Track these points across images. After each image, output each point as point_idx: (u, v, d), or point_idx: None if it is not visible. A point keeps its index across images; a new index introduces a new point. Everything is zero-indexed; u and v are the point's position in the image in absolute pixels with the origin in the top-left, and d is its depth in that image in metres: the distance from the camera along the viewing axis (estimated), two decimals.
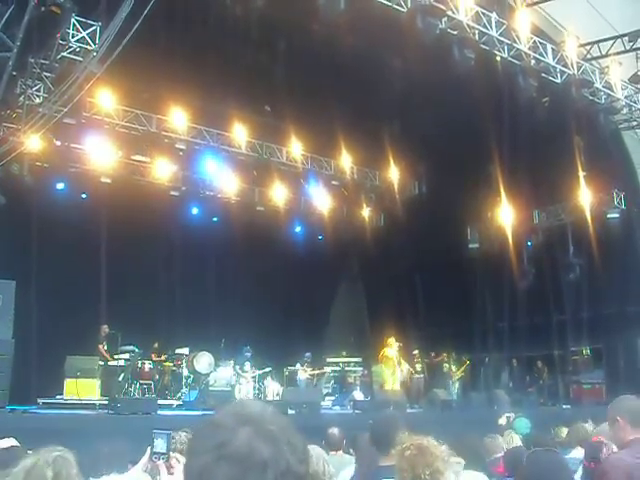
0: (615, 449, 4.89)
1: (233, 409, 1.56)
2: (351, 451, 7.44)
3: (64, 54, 13.86)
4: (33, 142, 17.06)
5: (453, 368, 22.09)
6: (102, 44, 12.60)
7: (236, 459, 1.42)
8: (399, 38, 15.26)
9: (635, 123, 20.61)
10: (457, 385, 21.95)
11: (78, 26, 13.59)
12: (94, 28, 13.57)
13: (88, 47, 13.49)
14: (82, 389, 15.38)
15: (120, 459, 5.12)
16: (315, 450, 5.24)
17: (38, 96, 15.90)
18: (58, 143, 19.22)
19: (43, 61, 14.96)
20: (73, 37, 13.53)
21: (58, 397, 15.58)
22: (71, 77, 13.27)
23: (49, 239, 17.70)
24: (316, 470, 5.05)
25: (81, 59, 13.58)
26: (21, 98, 15.53)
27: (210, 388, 17.50)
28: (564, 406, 20.46)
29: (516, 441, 7.19)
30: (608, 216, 21.77)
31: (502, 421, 9.67)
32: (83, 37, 13.56)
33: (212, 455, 1.44)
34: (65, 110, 14.66)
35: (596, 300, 21.75)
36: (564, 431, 8.83)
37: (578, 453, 7.47)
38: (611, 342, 21.75)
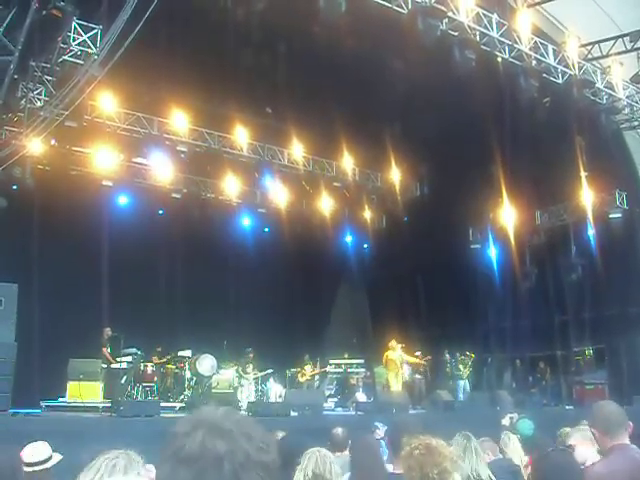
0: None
1: (188, 417, 1.58)
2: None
3: (65, 57, 13.89)
4: (35, 145, 17.08)
5: (461, 367, 22.03)
6: (103, 47, 12.61)
7: (191, 461, 1.45)
8: (400, 39, 15.26)
9: (637, 123, 20.60)
10: (463, 384, 21.86)
11: (79, 29, 13.63)
12: (95, 31, 13.60)
13: (89, 50, 13.52)
14: (85, 392, 15.40)
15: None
16: (321, 451, 5.27)
17: (39, 99, 15.94)
18: (60, 146, 19.26)
19: (44, 64, 15.00)
20: (74, 40, 13.57)
21: (61, 400, 15.60)
22: (72, 80, 13.28)
23: (51, 242, 17.74)
24: (322, 470, 5.08)
25: (82, 62, 13.61)
26: (22, 101, 15.55)
27: (213, 390, 17.50)
28: (567, 407, 20.44)
29: (514, 442, 7.18)
30: (610, 216, 21.74)
31: (505, 422, 9.66)
32: (84, 40, 13.60)
33: (170, 463, 1.47)
34: (66, 113, 14.70)
35: (598, 301, 21.73)
36: (567, 432, 8.83)
37: (581, 454, 7.54)
38: (613, 342, 21.71)
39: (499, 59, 16.68)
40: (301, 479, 5.11)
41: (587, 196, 22.08)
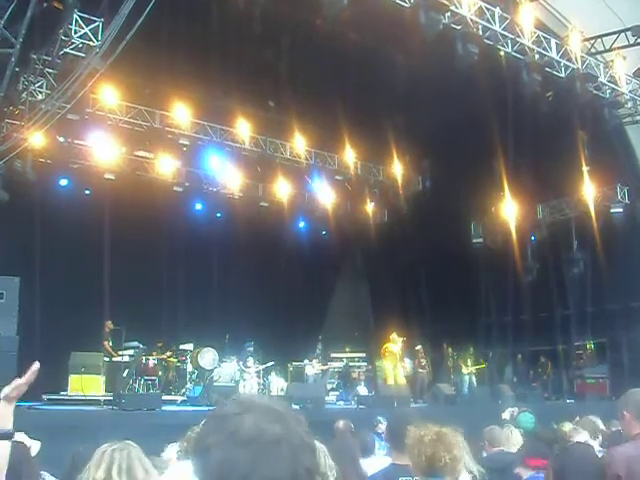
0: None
1: (232, 401, 1.58)
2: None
3: (67, 50, 13.86)
4: (36, 138, 17.07)
5: (468, 362, 22.06)
6: (105, 40, 12.58)
7: (249, 442, 1.45)
8: (402, 33, 15.25)
9: (639, 117, 20.56)
10: (467, 379, 21.87)
11: (81, 22, 13.59)
12: (97, 24, 13.56)
13: (91, 43, 13.48)
14: (87, 385, 15.41)
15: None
16: (315, 444, 5.22)
17: (41, 92, 15.94)
18: (61, 139, 19.27)
19: (45, 57, 15.00)
20: (76, 33, 13.53)
21: (63, 393, 15.62)
22: (74, 73, 13.24)
23: (53, 235, 17.73)
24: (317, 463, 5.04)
25: (84, 55, 13.57)
26: (24, 94, 15.56)
27: (214, 384, 17.51)
28: (568, 400, 20.47)
29: (516, 435, 7.18)
30: (612, 211, 21.74)
31: (506, 415, 9.67)
32: (86, 33, 13.55)
33: (226, 446, 1.46)
34: (68, 106, 14.67)
35: (600, 295, 21.75)
36: (567, 426, 8.84)
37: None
38: (615, 337, 21.73)
39: (502, 53, 16.64)
40: None
41: (589, 190, 22.07)
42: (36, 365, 3.46)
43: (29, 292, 14.28)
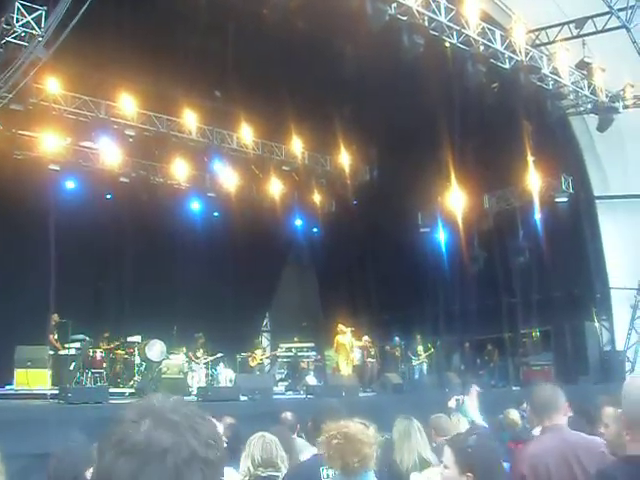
0: None
1: (136, 404, 1.53)
2: (303, 435, 7.47)
3: (8, 39, 13.56)
4: None
5: (419, 350, 22.28)
6: (48, 29, 12.40)
7: (135, 452, 1.40)
8: (349, 24, 15.29)
9: (582, 109, 20.92)
10: (418, 368, 22.12)
11: (23, 10, 13.30)
12: (39, 12, 13.27)
13: (33, 32, 13.20)
14: (33, 379, 15.21)
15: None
16: (266, 436, 5.26)
17: None
18: (4, 129, 18.92)
19: None
20: (18, 22, 13.23)
21: (8, 387, 15.40)
22: (16, 62, 13.03)
23: None
24: (270, 455, 5.09)
25: (26, 44, 13.32)
26: None
27: (162, 376, 17.41)
28: (514, 388, 20.77)
29: (463, 424, 7.27)
30: (556, 200, 22.14)
31: (451, 404, 9.77)
32: (28, 22, 13.25)
33: (113, 453, 1.42)
34: (10, 96, 14.41)
35: (545, 283, 22.13)
36: (512, 413, 9.01)
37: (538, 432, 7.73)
38: (559, 324, 22.08)
39: (447, 44, 16.79)
40: (249, 465, 5.09)
41: (534, 180, 22.39)
42: None
43: None
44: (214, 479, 1.46)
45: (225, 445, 1.59)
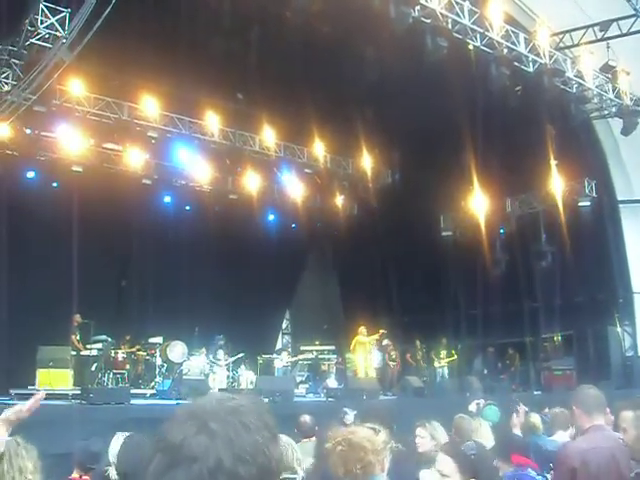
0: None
1: (189, 404, 1.53)
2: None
3: (33, 41, 13.68)
4: (2, 130, 16.88)
5: (441, 354, 22.28)
6: (72, 31, 12.47)
7: (167, 452, 1.41)
8: (372, 26, 15.24)
9: (606, 112, 20.74)
10: (440, 371, 22.14)
11: (47, 12, 13.41)
12: (63, 14, 13.38)
13: (57, 34, 13.31)
14: (55, 379, 15.26)
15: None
16: (282, 439, 5.26)
17: (7, 83, 15.71)
18: (28, 131, 19.08)
19: (11, 48, 14.81)
20: (42, 23, 13.35)
21: (30, 388, 15.46)
22: (40, 64, 13.12)
23: (20, 228, 17.57)
24: (285, 459, 5.12)
25: (50, 46, 13.41)
26: None
27: (184, 377, 17.45)
28: (535, 392, 20.64)
29: (485, 428, 7.23)
30: (579, 204, 21.96)
31: (472, 407, 9.72)
32: (52, 23, 13.37)
33: (153, 448, 1.46)
34: (34, 98, 14.53)
35: (567, 288, 21.99)
36: (534, 417, 8.93)
37: (560, 437, 7.71)
38: (581, 329, 21.93)
39: (471, 47, 16.70)
40: None
41: (557, 184, 22.27)
42: (41, 394, 3.50)
43: None
44: None
45: None
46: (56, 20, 13.37)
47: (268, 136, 22.31)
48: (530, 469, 5.59)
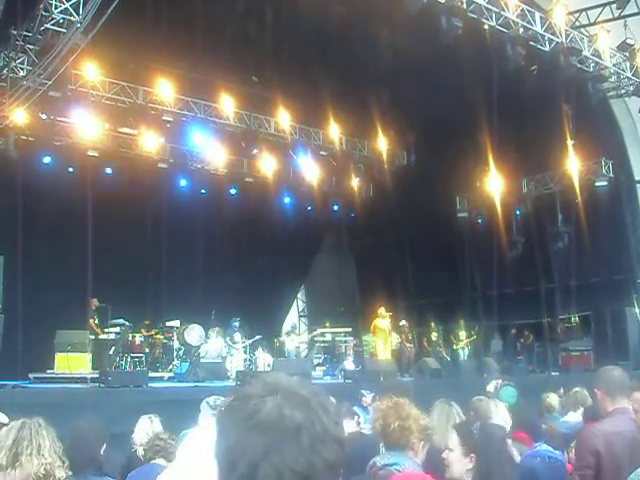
0: None
1: (261, 380, 1.51)
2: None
3: (47, 26, 13.65)
4: (18, 116, 16.93)
5: (461, 335, 22.31)
6: (86, 15, 12.44)
7: (267, 427, 1.38)
8: (386, 7, 15.16)
9: (623, 91, 20.57)
10: (460, 352, 22.21)
11: None
12: None
13: (72, 18, 13.27)
14: (73, 363, 15.37)
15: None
16: None
17: (22, 69, 15.72)
18: (44, 116, 19.13)
19: (26, 33, 14.80)
20: (56, 8, 13.30)
21: (49, 371, 15.59)
22: (55, 49, 13.12)
23: (37, 213, 17.67)
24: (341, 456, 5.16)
25: (65, 31, 13.40)
26: (5, 71, 15.37)
27: (201, 360, 17.54)
28: (553, 373, 20.62)
29: (501, 409, 7.22)
30: (596, 184, 21.82)
31: (490, 388, 9.74)
32: (66, 8, 13.31)
33: (243, 427, 1.40)
34: (50, 83, 14.55)
35: (584, 268, 21.89)
36: (551, 397, 8.93)
37: (571, 417, 7.72)
38: (599, 310, 21.86)
39: (486, 27, 16.58)
40: None
41: (573, 164, 22.13)
42: None
43: (13, 271, 14.25)
44: (344, 458, 1.45)
45: None
46: (70, 5, 13.33)
47: (283, 119, 22.27)
48: (545, 445, 5.61)
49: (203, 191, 23.49)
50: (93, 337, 16.80)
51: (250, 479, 1.37)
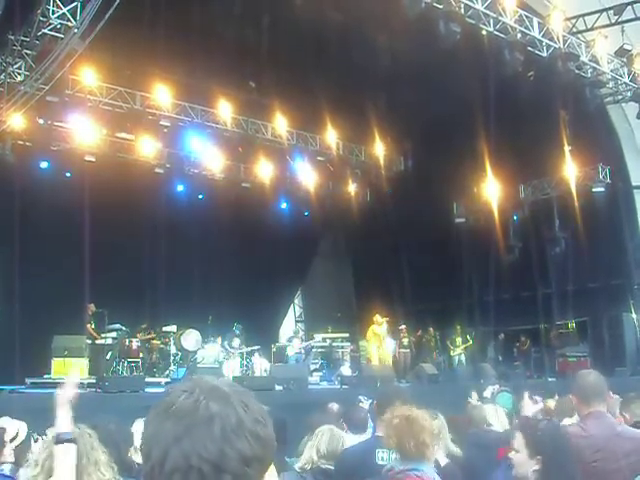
0: None
1: (189, 378, 1.55)
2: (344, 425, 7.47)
3: (45, 31, 13.65)
4: (15, 121, 16.90)
5: (457, 341, 22.27)
6: (83, 20, 12.44)
7: (181, 415, 1.41)
8: (384, 12, 15.19)
9: (620, 97, 20.61)
10: (457, 359, 22.15)
11: (58, 2, 13.35)
12: (75, 4, 13.32)
13: (69, 24, 13.27)
14: (70, 368, 15.33)
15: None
16: (333, 430, 5.49)
17: (19, 74, 15.70)
18: (41, 121, 19.11)
19: (23, 38, 14.79)
20: (53, 13, 13.29)
21: (46, 376, 15.55)
22: (52, 54, 13.12)
23: (33, 218, 17.61)
24: (335, 448, 5.27)
25: (62, 36, 13.40)
26: (2, 76, 15.35)
27: (198, 365, 17.50)
28: (550, 379, 20.61)
29: (500, 414, 7.22)
30: (593, 190, 21.86)
31: (487, 394, 9.73)
32: (64, 13, 13.31)
33: (160, 418, 1.44)
34: (47, 88, 14.54)
35: (581, 274, 21.89)
36: (549, 403, 8.92)
37: (567, 423, 7.70)
38: (596, 315, 21.89)
39: (484, 32, 16.61)
40: (313, 455, 5.27)
41: (570, 170, 22.17)
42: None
43: (10, 276, 14.25)
44: (264, 456, 1.46)
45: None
46: (68, 10, 13.32)
47: (280, 124, 22.28)
48: None
49: (200, 196, 23.48)
50: (90, 342, 16.76)
51: (161, 465, 1.40)
